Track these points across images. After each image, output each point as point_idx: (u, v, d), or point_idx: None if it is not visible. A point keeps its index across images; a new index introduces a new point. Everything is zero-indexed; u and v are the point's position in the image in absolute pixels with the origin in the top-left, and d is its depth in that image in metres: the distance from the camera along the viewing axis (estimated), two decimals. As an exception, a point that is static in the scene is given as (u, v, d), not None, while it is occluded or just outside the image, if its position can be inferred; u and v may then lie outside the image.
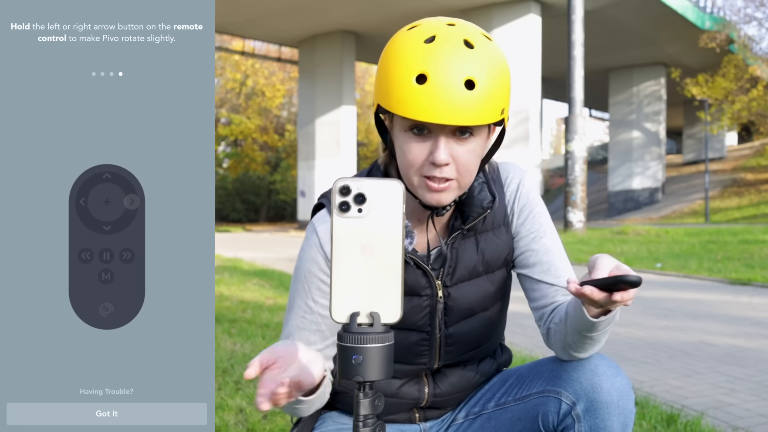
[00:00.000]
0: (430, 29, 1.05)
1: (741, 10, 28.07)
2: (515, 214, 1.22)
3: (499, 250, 1.21)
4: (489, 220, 1.19)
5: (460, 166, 1.07)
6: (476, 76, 1.01)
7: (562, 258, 1.22)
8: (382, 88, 1.06)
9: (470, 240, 1.19)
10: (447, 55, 1.01)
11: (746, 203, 25.82)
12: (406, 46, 1.04)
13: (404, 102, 1.01)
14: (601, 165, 40.85)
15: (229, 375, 3.09)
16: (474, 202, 1.17)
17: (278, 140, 37.66)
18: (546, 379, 1.14)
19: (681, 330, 4.50)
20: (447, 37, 1.02)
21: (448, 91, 1.00)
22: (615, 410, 1.03)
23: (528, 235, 1.21)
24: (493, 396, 1.24)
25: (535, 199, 1.23)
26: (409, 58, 1.02)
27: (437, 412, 1.27)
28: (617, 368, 1.08)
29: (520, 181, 1.23)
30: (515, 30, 19.64)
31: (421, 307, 1.18)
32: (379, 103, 1.08)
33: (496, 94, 1.03)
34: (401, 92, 1.02)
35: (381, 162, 1.22)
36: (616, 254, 10.64)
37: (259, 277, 7.49)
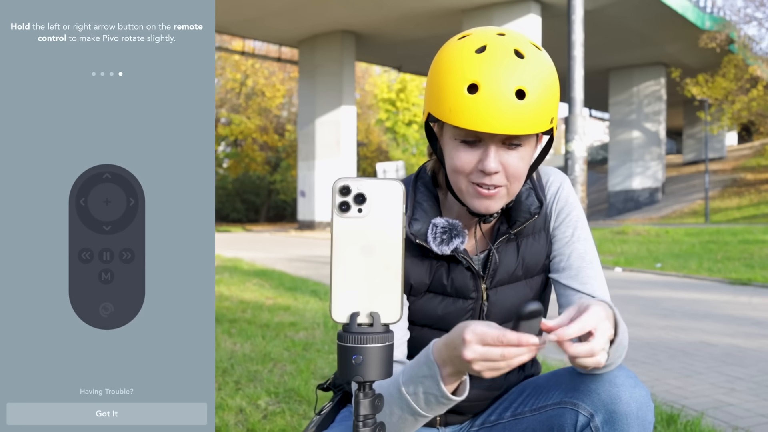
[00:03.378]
0: (481, 39, 1.05)
1: (741, 10, 28.08)
2: (553, 216, 1.22)
3: (538, 255, 1.21)
4: (531, 225, 1.20)
5: (510, 174, 1.07)
6: (527, 86, 1.01)
7: (593, 265, 1.21)
8: (433, 96, 1.07)
9: (512, 244, 1.20)
10: (498, 64, 1.01)
11: (746, 203, 25.81)
12: (457, 56, 1.04)
13: (456, 111, 1.02)
14: (601, 165, 40.82)
15: (229, 375, 3.09)
16: (522, 207, 1.17)
17: (278, 140, 37.66)
18: (563, 390, 1.13)
19: (681, 330, 4.50)
20: (498, 46, 1.03)
21: (499, 100, 1.00)
22: (634, 422, 1.02)
23: (562, 238, 1.21)
24: (510, 405, 1.23)
25: (573, 203, 1.23)
26: (460, 67, 1.03)
27: (459, 418, 1.27)
28: (636, 379, 1.06)
29: (560, 185, 1.23)
30: (515, 30, 19.62)
31: (465, 310, 1.18)
32: (430, 111, 1.08)
33: (545, 104, 1.04)
34: (453, 101, 1.03)
35: (429, 168, 1.22)
36: (616, 254, 10.64)
37: (259, 277, 7.49)
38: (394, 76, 36.93)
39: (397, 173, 22.45)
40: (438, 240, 1.12)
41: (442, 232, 1.13)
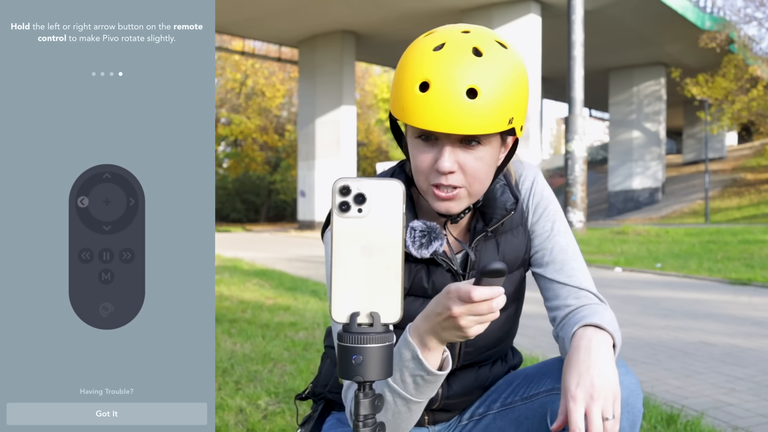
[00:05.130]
0: (442, 37, 1.04)
1: (741, 10, 28.06)
2: (530, 211, 1.22)
3: (517, 250, 1.21)
4: (508, 221, 1.20)
5: (468, 175, 1.07)
6: (479, 85, 1.00)
7: (576, 257, 1.21)
8: (392, 94, 1.07)
9: (491, 242, 1.20)
10: (451, 63, 1.00)
11: (746, 203, 25.81)
12: (416, 54, 1.04)
13: (408, 109, 1.02)
14: (601, 165, 40.83)
15: (229, 375, 3.09)
16: (497, 204, 1.17)
17: (278, 140, 37.66)
18: (555, 378, 1.14)
19: (681, 330, 4.50)
20: (456, 44, 1.02)
21: (448, 99, 1.00)
22: (624, 408, 1.03)
23: (542, 233, 1.21)
24: (499, 397, 1.24)
25: (548, 197, 1.23)
26: (416, 65, 1.03)
27: (447, 415, 1.27)
28: (626, 367, 1.07)
29: (534, 179, 1.23)
30: (515, 30, 19.62)
31: None
32: (390, 109, 1.09)
33: (502, 103, 1.02)
34: (406, 100, 1.02)
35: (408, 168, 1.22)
36: (616, 254, 10.65)
37: (259, 277, 7.49)
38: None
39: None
40: (417, 244, 1.12)
41: (421, 235, 1.12)
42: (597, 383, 0.94)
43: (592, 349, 0.99)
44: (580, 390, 0.95)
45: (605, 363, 0.98)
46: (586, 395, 0.94)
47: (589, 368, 0.97)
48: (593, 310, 1.12)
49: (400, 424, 1.04)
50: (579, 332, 1.04)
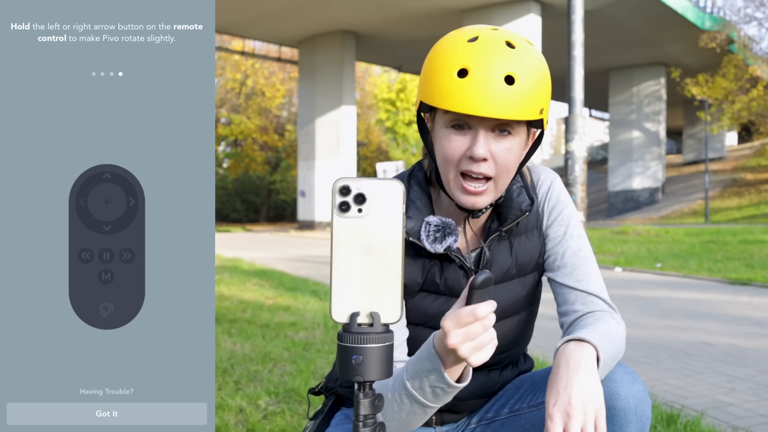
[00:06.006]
0: (474, 32, 1.08)
1: (741, 10, 28.06)
2: (545, 215, 1.22)
3: (531, 253, 1.21)
4: (523, 223, 1.20)
5: (498, 164, 1.08)
6: (516, 73, 1.03)
7: (588, 262, 1.20)
8: (425, 84, 1.08)
9: (504, 242, 1.20)
10: (489, 51, 1.04)
11: (746, 203, 25.81)
12: (450, 45, 1.07)
13: (445, 95, 1.04)
14: (601, 165, 40.83)
15: (229, 375, 3.09)
16: (513, 204, 1.17)
17: (278, 140, 37.66)
18: None
19: (681, 330, 4.50)
20: (489, 37, 1.06)
21: (488, 84, 1.02)
22: (632, 417, 1.02)
23: (555, 237, 1.21)
24: (507, 402, 1.24)
25: (564, 201, 1.23)
26: (452, 54, 1.05)
27: (454, 417, 1.27)
28: (633, 374, 1.07)
29: (551, 183, 1.23)
30: (515, 30, 19.54)
31: None
32: (421, 99, 1.10)
33: (535, 93, 1.05)
34: (443, 86, 1.04)
35: (423, 166, 1.22)
36: (616, 254, 10.65)
37: (259, 277, 7.49)
38: (394, 76, 36.93)
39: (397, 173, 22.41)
40: (431, 238, 1.13)
41: (436, 230, 1.13)
42: (574, 401, 0.93)
43: (571, 366, 0.98)
44: (556, 409, 0.94)
45: (586, 378, 0.96)
46: (562, 413, 0.93)
47: (567, 386, 0.95)
48: (596, 318, 1.12)
49: (412, 423, 1.05)
50: (560, 349, 1.03)
